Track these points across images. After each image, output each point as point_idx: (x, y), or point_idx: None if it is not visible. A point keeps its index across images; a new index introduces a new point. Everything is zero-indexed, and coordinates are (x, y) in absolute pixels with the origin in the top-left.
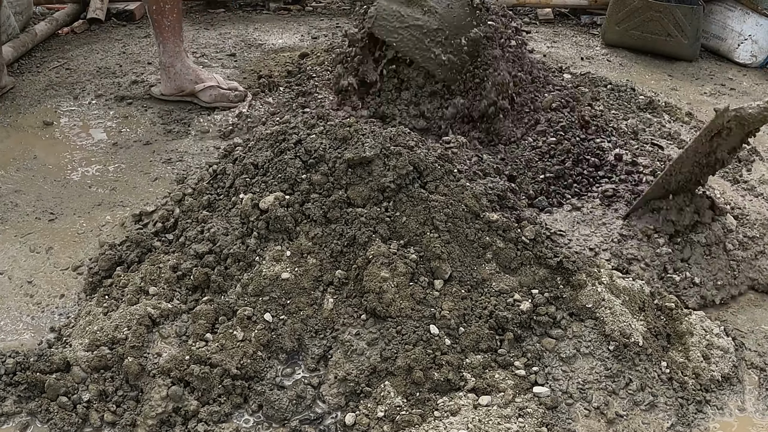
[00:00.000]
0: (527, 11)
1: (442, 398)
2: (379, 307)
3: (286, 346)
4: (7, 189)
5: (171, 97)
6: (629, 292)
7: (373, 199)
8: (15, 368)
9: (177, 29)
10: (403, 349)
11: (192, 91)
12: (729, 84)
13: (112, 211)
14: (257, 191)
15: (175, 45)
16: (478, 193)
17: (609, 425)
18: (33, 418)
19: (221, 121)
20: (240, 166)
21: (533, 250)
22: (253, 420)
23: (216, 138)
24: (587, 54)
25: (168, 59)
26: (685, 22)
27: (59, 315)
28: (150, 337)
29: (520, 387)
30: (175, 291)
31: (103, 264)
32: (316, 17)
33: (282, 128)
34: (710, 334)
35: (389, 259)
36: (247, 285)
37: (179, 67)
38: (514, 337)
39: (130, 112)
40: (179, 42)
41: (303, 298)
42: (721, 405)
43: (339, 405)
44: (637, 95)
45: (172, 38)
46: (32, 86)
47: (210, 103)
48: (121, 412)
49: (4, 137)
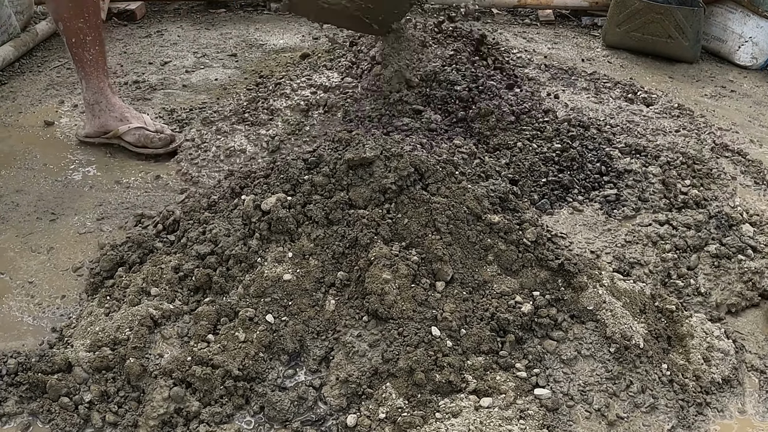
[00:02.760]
0: (528, 12)
1: (444, 400)
2: (381, 309)
3: (288, 347)
4: (8, 189)
5: (95, 139)
6: (630, 294)
7: (375, 201)
8: (17, 368)
9: (100, 63)
10: (404, 351)
11: (116, 132)
12: (729, 86)
13: (113, 211)
14: (259, 192)
15: (99, 80)
16: (480, 195)
17: (610, 427)
18: (34, 419)
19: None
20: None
21: (534, 252)
22: (254, 421)
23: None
24: (588, 55)
25: (91, 96)
26: (686, 24)
27: (61, 315)
28: (152, 337)
29: (521, 389)
30: (177, 292)
31: (104, 264)
32: None
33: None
34: (711, 336)
35: (391, 260)
36: (249, 286)
37: (104, 104)
38: (516, 339)
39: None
40: (103, 77)
41: (305, 299)
42: (721, 407)
43: (340, 406)
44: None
45: (95, 73)
46: (33, 86)
47: (136, 146)
48: (123, 413)
49: (5, 136)
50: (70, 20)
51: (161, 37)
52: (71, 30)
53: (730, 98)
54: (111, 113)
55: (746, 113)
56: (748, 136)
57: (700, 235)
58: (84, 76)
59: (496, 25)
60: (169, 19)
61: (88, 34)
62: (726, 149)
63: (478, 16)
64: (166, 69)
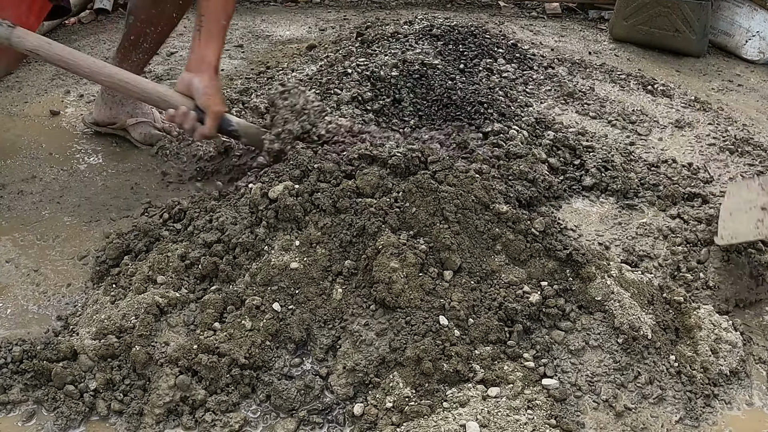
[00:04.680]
0: (535, 5)
1: (451, 389)
2: (389, 298)
3: (295, 336)
4: (14, 178)
5: (102, 128)
6: (638, 285)
7: (382, 188)
8: (22, 356)
9: (141, 66)
10: (412, 340)
11: (123, 124)
12: (736, 80)
13: (118, 201)
14: (266, 180)
15: (134, 70)
16: (488, 184)
17: (617, 418)
18: (39, 407)
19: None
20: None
21: (543, 242)
22: (260, 410)
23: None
24: (595, 49)
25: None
26: (693, 17)
27: (66, 303)
28: (158, 326)
29: (529, 379)
30: (183, 280)
31: (110, 253)
32: (323, 9)
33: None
34: (719, 328)
35: (399, 249)
36: (256, 275)
37: (119, 97)
38: (524, 329)
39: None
40: (140, 70)
41: (312, 288)
42: (729, 399)
43: (347, 395)
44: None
45: (130, 69)
46: (39, 76)
47: (141, 141)
48: (128, 401)
49: (11, 126)
50: (141, 24)
51: None
52: (136, 30)
53: (737, 92)
54: (123, 107)
55: (753, 107)
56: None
57: (711, 229)
58: (118, 63)
59: (503, 17)
60: None
61: (147, 41)
62: (747, 143)
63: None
64: (172, 60)
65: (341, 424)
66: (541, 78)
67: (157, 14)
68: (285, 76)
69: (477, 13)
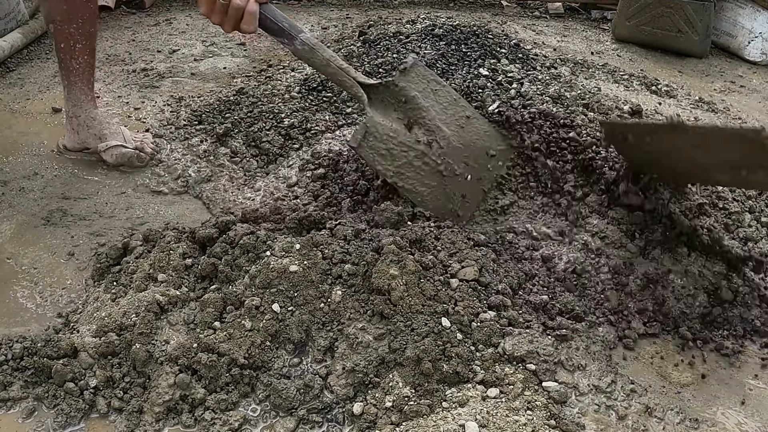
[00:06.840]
0: (537, 5)
1: (451, 389)
2: (387, 310)
3: (294, 336)
4: (15, 175)
5: (77, 153)
6: None
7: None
8: (22, 353)
9: (86, 74)
10: (412, 340)
11: (95, 149)
12: (739, 81)
13: (120, 198)
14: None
15: (82, 92)
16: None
17: (620, 420)
18: (39, 404)
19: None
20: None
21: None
22: (260, 409)
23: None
24: (597, 49)
25: (71, 107)
26: (696, 18)
27: (66, 301)
28: (158, 324)
29: (529, 381)
30: (184, 279)
31: (111, 251)
32: (326, 8)
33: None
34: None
35: (398, 256)
36: (255, 277)
37: (83, 118)
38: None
39: (141, 101)
40: (88, 89)
41: (311, 290)
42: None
43: (347, 395)
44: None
45: (78, 84)
46: (41, 73)
47: (114, 164)
48: (128, 399)
49: (13, 123)
50: (62, 24)
51: (170, 26)
52: (62, 34)
53: (740, 93)
54: (89, 129)
55: (756, 109)
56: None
57: None
58: (67, 84)
59: (505, 17)
60: (178, 8)
61: (78, 41)
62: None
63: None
64: (175, 57)
65: (341, 423)
66: (547, 79)
67: (70, 8)
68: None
69: (480, 12)
